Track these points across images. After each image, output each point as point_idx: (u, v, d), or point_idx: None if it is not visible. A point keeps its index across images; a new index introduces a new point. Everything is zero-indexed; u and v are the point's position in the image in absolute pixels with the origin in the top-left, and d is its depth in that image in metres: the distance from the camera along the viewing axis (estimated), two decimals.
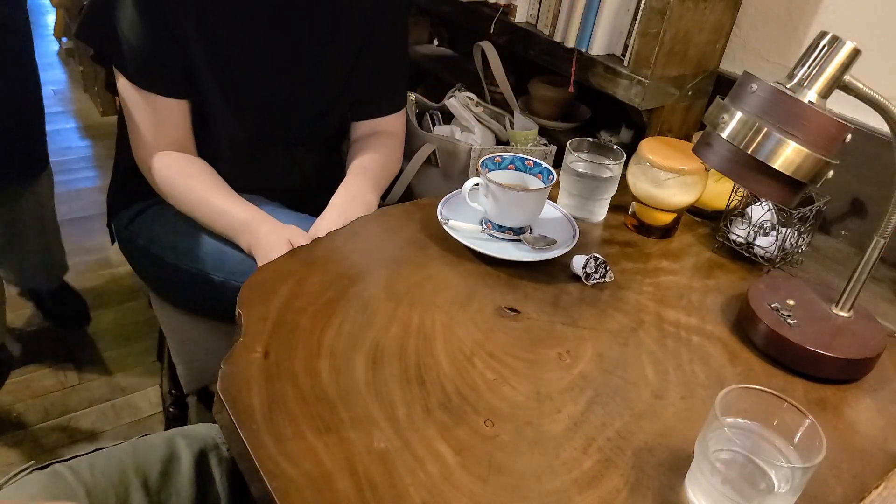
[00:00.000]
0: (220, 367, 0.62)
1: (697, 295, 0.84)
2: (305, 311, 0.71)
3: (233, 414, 0.57)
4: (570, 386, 0.66)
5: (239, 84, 0.96)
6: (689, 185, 0.90)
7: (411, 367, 0.65)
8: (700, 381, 0.69)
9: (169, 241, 1.00)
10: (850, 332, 0.74)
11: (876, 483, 0.59)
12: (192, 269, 0.97)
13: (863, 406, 0.70)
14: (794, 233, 0.88)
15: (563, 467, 0.57)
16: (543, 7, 1.19)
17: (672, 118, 1.14)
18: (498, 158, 0.89)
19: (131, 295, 1.89)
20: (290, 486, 0.52)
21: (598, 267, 0.81)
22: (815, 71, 0.64)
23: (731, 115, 0.66)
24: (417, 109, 1.27)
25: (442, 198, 0.91)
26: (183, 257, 0.98)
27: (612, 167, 0.94)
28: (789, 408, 0.54)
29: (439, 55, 1.76)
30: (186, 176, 0.94)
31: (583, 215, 0.96)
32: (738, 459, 0.55)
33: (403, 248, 0.85)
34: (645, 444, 0.61)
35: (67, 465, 0.65)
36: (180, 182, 0.94)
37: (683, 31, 1.03)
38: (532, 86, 1.37)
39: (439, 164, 1.15)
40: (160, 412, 1.54)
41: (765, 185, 0.67)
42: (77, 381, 1.60)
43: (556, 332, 0.74)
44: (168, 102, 0.92)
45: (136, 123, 0.93)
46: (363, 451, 0.56)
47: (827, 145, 0.64)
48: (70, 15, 3.07)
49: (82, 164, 2.53)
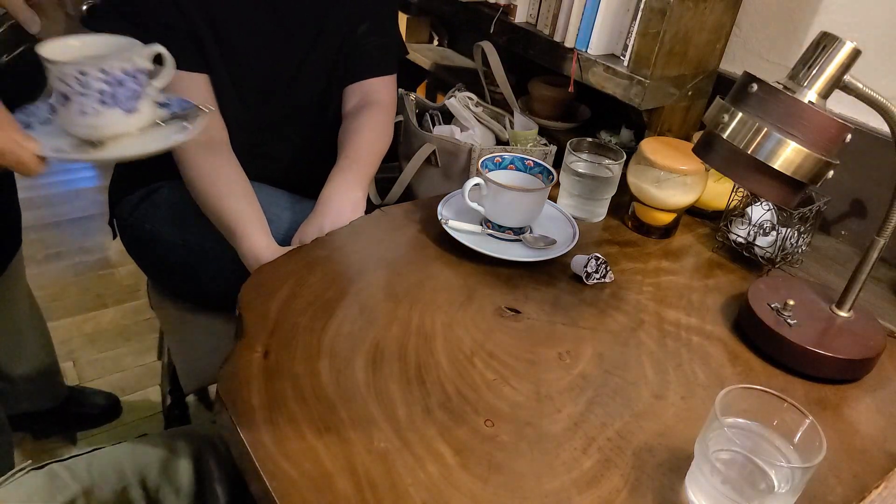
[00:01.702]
0: (220, 367, 0.62)
1: (697, 295, 0.83)
2: (305, 311, 0.71)
3: (233, 414, 0.57)
4: (570, 386, 0.66)
5: (241, 62, 0.98)
6: (689, 185, 0.90)
7: (411, 368, 0.65)
8: (700, 381, 0.69)
9: (178, 219, 1.00)
10: (850, 332, 0.74)
11: (876, 483, 0.59)
12: (199, 248, 0.98)
13: (863, 406, 0.70)
14: (794, 233, 0.88)
15: (563, 467, 0.57)
16: (543, 7, 1.19)
17: (672, 118, 1.14)
18: (498, 158, 0.89)
19: (131, 295, 1.89)
20: (290, 486, 0.52)
21: (598, 267, 0.81)
22: (815, 71, 0.64)
23: (731, 115, 0.65)
24: (417, 109, 1.27)
25: (442, 198, 0.91)
26: (190, 235, 0.99)
27: (612, 167, 0.94)
28: (789, 408, 0.54)
29: (439, 55, 1.77)
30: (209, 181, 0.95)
31: (583, 215, 0.96)
32: (738, 459, 0.55)
33: (403, 248, 0.85)
34: (645, 444, 0.61)
35: (65, 465, 0.65)
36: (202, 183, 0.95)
37: (683, 31, 1.03)
38: (532, 86, 1.37)
39: (439, 164, 1.15)
40: (160, 412, 1.54)
41: (765, 185, 0.67)
42: (77, 380, 1.60)
43: (556, 332, 0.74)
44: (185, 77, 0.93)
45: None
46: (363, 451, 0.56)
47: (827, 145, 0.64)
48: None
49: (82, 164, 2.53)
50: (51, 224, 2.13)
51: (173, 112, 0.63)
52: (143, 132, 0.59)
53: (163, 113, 0.63)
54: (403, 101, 1.24)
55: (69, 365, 1.64)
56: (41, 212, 2.17)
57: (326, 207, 0.93)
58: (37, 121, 0.60)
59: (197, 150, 0.94)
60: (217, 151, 0.95)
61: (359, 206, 0.95)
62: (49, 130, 0.59)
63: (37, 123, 0.60)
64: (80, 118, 0.56)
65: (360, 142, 1.03)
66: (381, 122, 1.09)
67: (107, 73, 0.54)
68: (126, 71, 0.55)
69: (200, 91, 0.96)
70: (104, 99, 0.55)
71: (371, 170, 1.04)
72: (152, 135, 0.59)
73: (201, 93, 0.96)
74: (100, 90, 0.54)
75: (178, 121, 0.61)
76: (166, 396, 1.31)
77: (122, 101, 0.55)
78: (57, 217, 2.17)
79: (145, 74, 0.59)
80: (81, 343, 1.71)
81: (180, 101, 0.65)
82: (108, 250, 2.04)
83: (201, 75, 0.95)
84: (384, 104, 1.11)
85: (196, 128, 0.58)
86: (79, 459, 0.66)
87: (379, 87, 1.11)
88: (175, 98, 0.65)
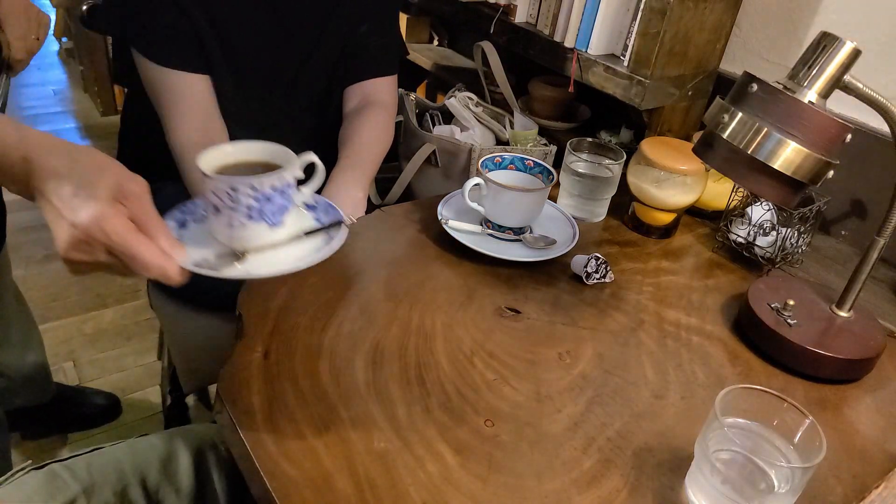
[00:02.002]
0: (220, 367, 0.62)
1: (697, 295, 0.83)
2: (305, 311, 0.71)
3: (233, 414, 0.57)
4: (570, 386, 0.66)
5: (243, 62, 0.98)
6: (689, 185, 0.90)
7: (411, 368, 0.65)
8: (700, 381, 0.69)
9: None
10: (850, 332, 0.74)
11: (876, 483, 0.59)
12: None
13: (863, 406, 0.70)
14: (794, 233, 0.88)
15: (563, 467, 0.57)
16: (543, 7, 1.19)
17: (672, 118, 1.14)
18: (498, 158, 0.89)
19: (131, 295, 1.89)
20: (290, 486, 0.52)
21: (598, 267, 0.81)
22: (815, 71, 0.64)
23: (731, 115, 0.65)
24: (417, 109, 1.27)
25: (442, 198, 0.91)
26: None
27: (612, 167, 0.94)
28: (789, 408, 0.54)
29: (439, 55, 1.77)
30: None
31: (583, 215, 0.96)
32: (738, 459, 0.55)
33: (403, 248, 0.85)
34: (645, 444, 0.61)
35: (65, 465, 0.65)
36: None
37: (683, 31, 1.03)
38: (532, 86, 1.37)
39: (439, 164, 1.15)
40: (160, 412, 1.54)
41: (765, 185, 0.67)
42: (77, 380, 1.60)
43: (556, 333, 0.74)
44: (187, 77, 0.93)
45: (164, 107, 0.94)
46: (363, 451, 0.56)
47: (827, 145, 0.64)
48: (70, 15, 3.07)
49: None
50: None
51: (317, 217, 0.64)
52: (286, 245, 0.59)
53: (307, 222, 0.63)
54: (403, 101, 1.24)
55: (69, 365, 1.64)
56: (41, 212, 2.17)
57: None
58: (192, 219, 0.62)
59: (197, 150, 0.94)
60: None
61: (360, 205, 0.95)
62: (202, 230, 0.61)
63: (192, 222, 0.62)
64: (226, 229, 0.57)
65: (361, 142, 1.03)
66: (382, 123, 1.09)
67: (256, 190, 0.55)
68: (275, 187, 0.56)
69: (201, 92, 0.96)
70: (251, 214, 0.56)
71: (372, 170, 1.04)
72: (293, 250, 0.59)
73: (202, 94, 0.96)
74: (248, 206, 0.56)
75: (323, 232, 0.61)
76: (166, 396, 1.32)
77: (267, 216, 0.57)
78: None
79: (294, 187, 0.59)
80: (81, 343, 1.71)
81: (326, 205, 0.65)
82: None
83: (202, 76, 0.95)
84: (385, 104, 1.11)
85: (336, 243, 0.58)
86: (79, 459, 0.66)
87: (380, 88, 1.11)
88: (322, 201, 0.65)
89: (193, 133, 0.94)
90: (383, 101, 1.11)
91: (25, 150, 0.52)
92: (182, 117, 0.94)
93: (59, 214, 0.50)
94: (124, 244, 0.50)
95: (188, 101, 0.94)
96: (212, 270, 0.55)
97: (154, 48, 0.92)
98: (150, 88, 0.95)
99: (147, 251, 0.51)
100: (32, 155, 0.52)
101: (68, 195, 0.50)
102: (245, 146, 0.61)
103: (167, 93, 0.94)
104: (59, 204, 0.50)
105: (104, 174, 0.51)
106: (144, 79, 0.95)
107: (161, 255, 0.52)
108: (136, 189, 0.53)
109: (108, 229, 0.49)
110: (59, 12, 3.26)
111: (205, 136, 0.95)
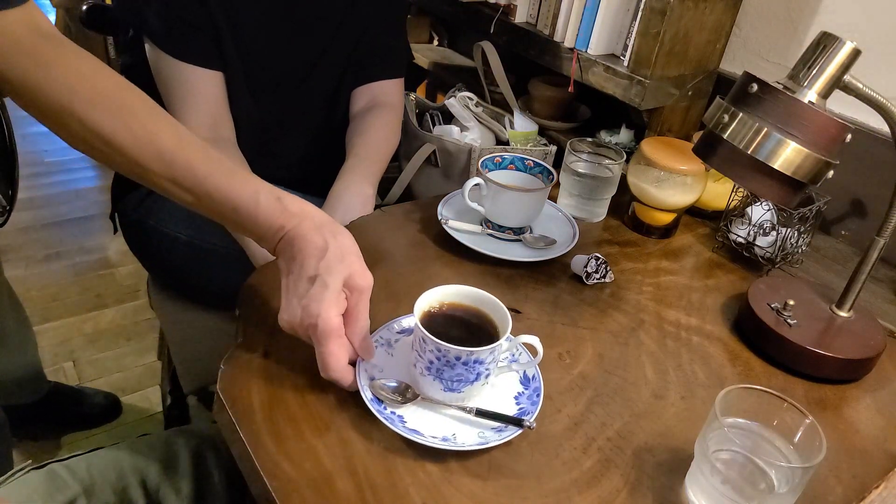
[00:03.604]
0: (220, 367, 0.62)
1: (697, 295, 0.83)
2: None
3: (233, 414, 0.57)
4: (570, 386, 0.66)
5: (256, 60, 0.98)
6: (689, 185, 0.90)
7: None
8: (700, 381, 0.69)
9: (184, 215, 1.00)
10: (850, 332, 0.74)
11: (876, 483, 0.59)
12: (205, 244, 0.99)
13: (863, 406, 0.70)
14: (794, 233, 0.88)
15: (563, 467, 0.57)
16: (543, 7, 1.19)
17: (672, 118, 1.14)
18: (498, 158, 0.89)
19: (131, 295, 1.89)
20: (290, 486, 0.52)
21: (598, 267, 0.81)
22: (815, 71, 0.64)
23: (731, 115, 0.65)
24: (417, 109, 1.27)
25: (442, 198, 0.91)
26: (195, 231, 0.99)
27: (612, 167, 0.94)
28: (789, 408, 0.54)
29: (439, 55, 1.76)
30: None
31: (583, 215, 0.96)
32: (738, 459, 0.55)
33: (403, 248, 0.85)
34: (645, 444, 0.61)
35: (64, 465, 0.65)
36: None
37: (683, 31, 1.03)
38: (532, 86, 1.37)
39: (439, 164, 1.15)
40: (160, 412, 1.54)
41: (765, 185, 0.67)
42: (77, 380, 1.60)
43: (557, 332, 0.73)
44: (201, 73, 0.94)
45: (175, 101, 0.95)
46: (363, 451, 0.56)
47: (827, 145, 0.64)
48: (70, 15, 3.07)
49: (82, 164, 2.53)
50: (51, 224, 2.13)
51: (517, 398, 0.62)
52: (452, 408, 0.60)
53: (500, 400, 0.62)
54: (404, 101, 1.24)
55: (69, 365, 1.64)
56: (41, 212, 2.17)
57: (337, 202, 0.93)
58: (394, 339, 0.66)
59: None
60: (224, 149, 0.95)
61: (368, 202, 0.95)
62: (404, 351, 0.64)
63: (394, 340, 0.66)
64: (410, 366, 0.60)
65: (369, 141, 1.04)
66: (389, 123, 1.09)
67: (440, 352, 0.56)
68: (459, 358, 0.56)
69: (214, 88, 0.96)
70: (430, 369, 0.58)
71: (380, 169, 1.04)
72: (454, 418, 0.59)
73: (214, 90, 0.96)
74: (430, 361, 0.57)
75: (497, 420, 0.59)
76: (166, 396, 1.32)
77: (444, 380, 0.57)
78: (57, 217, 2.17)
79: (487, 363, 0.58)
80: (81, 343, 1.71)
81: (533, 392, 0.62)
82: (109, 250, 2.04)
83: (216, 73, 0.96)
84: (393, 106, 1.11)
85: (498, 440, 0.56)
86: (79, 459, 0.66)
87: (388, 90, 1.11)
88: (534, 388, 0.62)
89: (202, 129, 0.94)
90: (391, 102, 1.11)
91: (284, 221, 0.61)
92: (193, 112, 0.94)
93: (296, 294, 0.59)
94: (324, 348, 0.57)
95: (200, 96, 0.95)
96: (375, 402, 0.58)
97: (172, 42, 0.92)
98: (161, 83, 0.95)
99: (334, 360, 0.58)
100: (297, 231, 0.60)
101: (306, 283, 0.59)
102: (458, 289, 0.62)
103: (180, 87, 0.94)
104: (300, 287, 0.59)
105: (343, 263, 0.59)
106: (157, 73, 0.95)
107: (344, 367, 0.58)
108: (362, 284, 0.60)
109: (319, 331, 0.57)
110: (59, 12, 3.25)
111: (213, 133, 0.95)
